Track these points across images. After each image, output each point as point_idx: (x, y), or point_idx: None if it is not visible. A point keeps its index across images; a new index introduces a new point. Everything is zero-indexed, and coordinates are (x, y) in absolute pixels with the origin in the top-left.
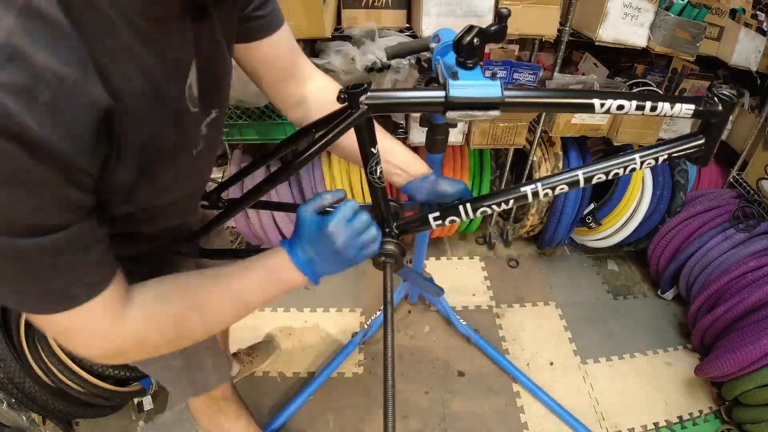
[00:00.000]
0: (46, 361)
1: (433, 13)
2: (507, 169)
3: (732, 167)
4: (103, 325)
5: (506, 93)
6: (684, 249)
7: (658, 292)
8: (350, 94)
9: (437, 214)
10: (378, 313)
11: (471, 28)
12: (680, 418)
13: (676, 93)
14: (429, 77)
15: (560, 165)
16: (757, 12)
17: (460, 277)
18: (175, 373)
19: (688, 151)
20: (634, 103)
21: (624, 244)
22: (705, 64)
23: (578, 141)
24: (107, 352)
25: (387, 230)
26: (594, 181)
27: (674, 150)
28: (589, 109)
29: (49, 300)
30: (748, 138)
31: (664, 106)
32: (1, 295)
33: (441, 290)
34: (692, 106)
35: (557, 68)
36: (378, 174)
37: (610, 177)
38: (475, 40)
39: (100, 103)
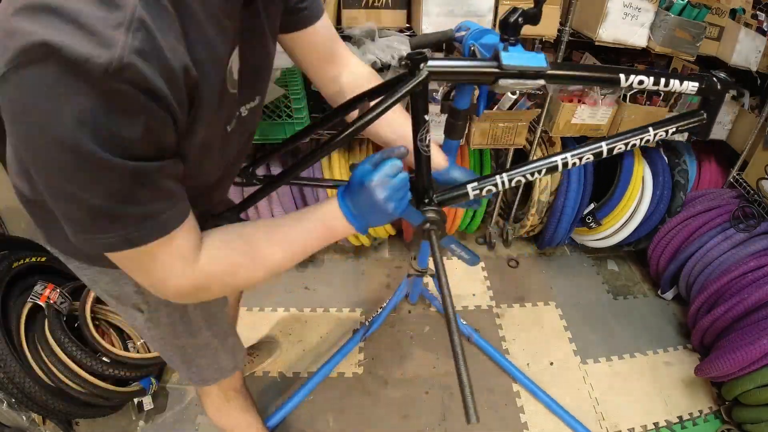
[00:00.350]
0: (46, 361)
1: (433, 13)
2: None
3: (732, 167)
4: (181, 264)
5: (550, 64)
6: (684, 249)
7: (658, 292)
8: (412, 60)
9: (475, 184)
10: (379, 311)
11: (515, 9)
12: (680, 418)
13: (676, 95)
14: None
15: None
16: (757, 12)
17: (460, 277)
18: (206, 354)
19: (693, 125)
20: (652, 78)
21: (624, 244)
22: (705, 64)
23: (578, 141)
24: (180, 290)
25: (427, 200)
26: (615, 151)
27: (681, 123)
28: (616, 83)
29: (145, 227)
30: (748, 138)
31: (674, 83)
32: (99, 233)
33: (477, 258)
34: (697, 84)
35: None
36: (427, 142)
37: (628, 148)
38: (520, 19)
39: (190, 70)
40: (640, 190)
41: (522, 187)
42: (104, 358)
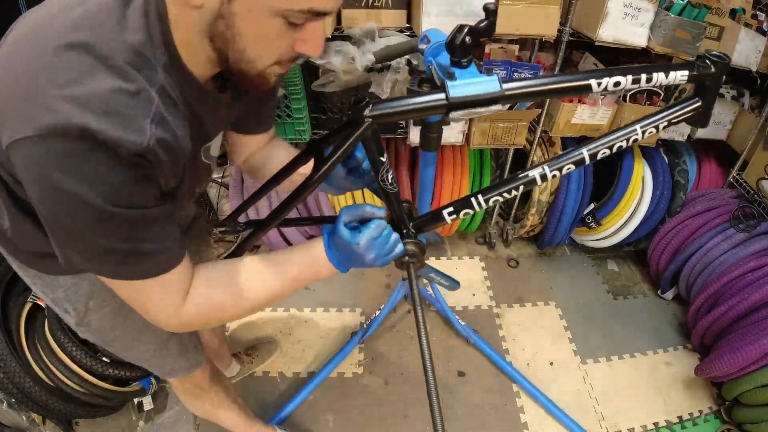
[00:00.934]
0: (46, 361)
1: (433, 13)
2: (507, 169)
3: (732, 167)
4: (167, 306)
5: (505, 86)
6: (684, 249)
7: (658, 292)
8: (354, 109)
9: (451, 208)
10: (377, 312)
11: (461, 27)
12: (680, 418)
13: (677, 93)
14: (420, 78)
15: None
16: (757, 12)
17: (460, 277)
18: (150, 355)
19: (687, 115)
20: (630, 77)
21: (624, 244)
22: None
23: (578, 141)
24: (167, 326)
25: (405, 231)
26: (599, 156)
27: (673, 115)
28: (587, 89)
29: (143, 266)
30: (748, 138)
31: (659, 76)
32: (108, 265)
33: (457, 283)
34: (686, 72)
35: (557, 68)
36: (390, 180)
37: (614, 150)
38: (467, 39)
39: (187, 151)
40: (640, 190)
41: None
42: (104, 358)
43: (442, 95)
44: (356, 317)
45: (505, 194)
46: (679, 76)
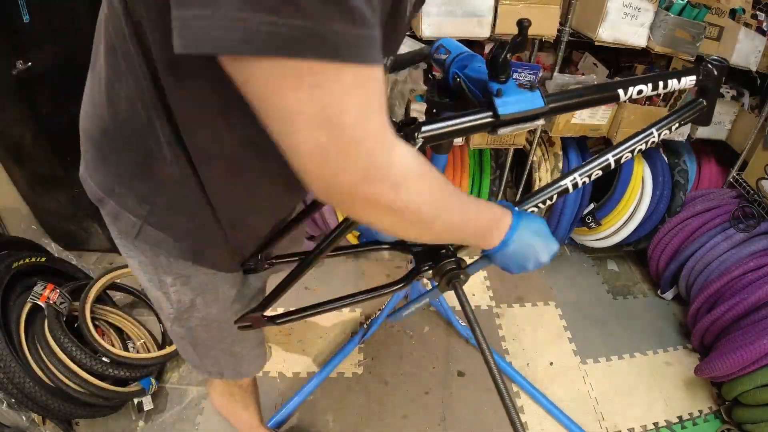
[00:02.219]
0: (46, 361)
1: (433, 13)
2: (507, 169)
3: (732, 167)
4: (380, 118)
5: (547, 99)
6: (684, 249)
7: (658, 292)
8: (406, 131)
9: None
10: (378, 312)
11: (502, 44)
12: (680, 418)
13: (677, 93)
14: (438, 84)
15: (560, 165)
16: (757, 12)
17: None
18: (219, 353)
19: (694, 116)
20: (650, 85)
21: (624, 244)
22: None
23: (578, 141)
24: (379, 162)
25: (443, 251)
26: (623, 160)
27: (683, 116)
28: (616, 98)
29: (350, 34)
30: (748, 138)
31: (673, 82)
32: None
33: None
34: (693, 77)
35: (557, 68)
36: None
37: (634, 154)
38: (508, 56)
39: None
40: (639, 190)
41: (522, 187)
42: (104, 359)
43: (489, 113)
44: (356, 317)
45: (540, 204)
46: (688, 81)
